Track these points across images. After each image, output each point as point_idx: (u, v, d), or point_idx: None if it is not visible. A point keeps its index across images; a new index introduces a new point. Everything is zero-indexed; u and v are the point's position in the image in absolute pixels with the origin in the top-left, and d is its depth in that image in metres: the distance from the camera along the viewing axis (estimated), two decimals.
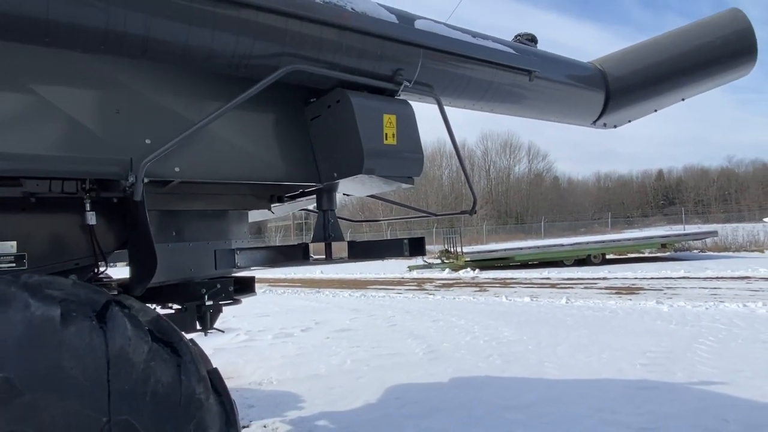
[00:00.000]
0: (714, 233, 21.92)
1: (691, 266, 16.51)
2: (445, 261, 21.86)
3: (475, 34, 2.49)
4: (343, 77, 2.08)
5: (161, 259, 2.11)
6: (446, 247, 23.06)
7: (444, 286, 15.31)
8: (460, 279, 17.26)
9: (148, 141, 1.92)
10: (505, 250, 20.70)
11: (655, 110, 3.32)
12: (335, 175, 2.33)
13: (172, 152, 1.96)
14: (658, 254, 21.49)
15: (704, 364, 5.47)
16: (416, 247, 2.48)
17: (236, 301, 3.17)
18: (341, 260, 2.77)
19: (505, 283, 14.89)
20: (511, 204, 75.89)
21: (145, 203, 1.85)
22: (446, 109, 2.50)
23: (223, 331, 3.25)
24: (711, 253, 22.03)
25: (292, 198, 3.16)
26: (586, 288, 12.79)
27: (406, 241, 2.47)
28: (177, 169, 2.06)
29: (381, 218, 4.01)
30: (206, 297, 2.94)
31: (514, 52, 2.58)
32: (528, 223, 50.17)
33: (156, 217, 2.61)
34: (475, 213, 2.93)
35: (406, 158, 2.23)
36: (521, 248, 20.75)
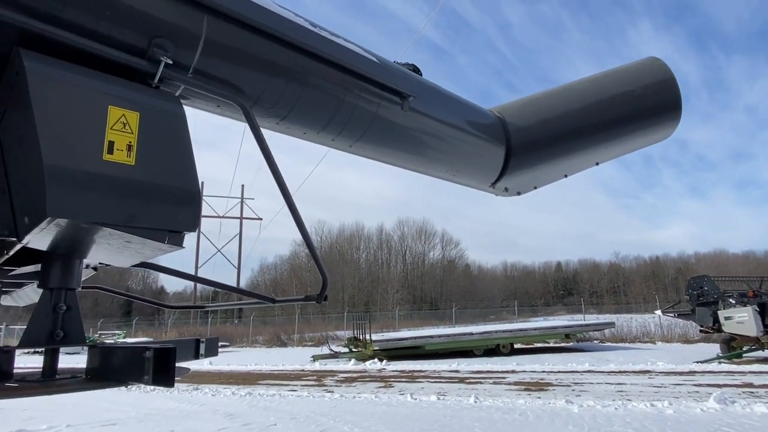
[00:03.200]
0: (612, 324, 22.71)
1: (594, 358, 16.51)
2: (353, 350, 20.25)
3: (315, 24, 1.64)
4: (26, 25, 1.07)
5: None
6: (355, 334, 21.56)
7: (347, 380, 13.70)
8: (365, 372, 15.72)
9: None
10: (415, 338, 19.66)
11: (566, 175, 2.66)
12: (26, 220, 1.22)
13: None
14: (563, 344, 21.64)
15: None
16: (162, 370, 1.34)
17: None
18: (67, 387, 1.54)
19: (412, 377, 13.65)
20: (426, 289, 76.57)
21: None
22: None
23: None
24: (609, 343, 22.65)
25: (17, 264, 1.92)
26: (495, 383, 11.94)
27: (148, 354, 1.33)
28: None
29: (208, 305, 2.80)
30: None
31: (378, 62, 1.76)
32: (442, 309, 50.27)
33: None
34: (326, 300, 1.91)
35: (160, 196, 1.21)
36: (432, 336, 19.85)
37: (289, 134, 1.79)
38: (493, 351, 19.28)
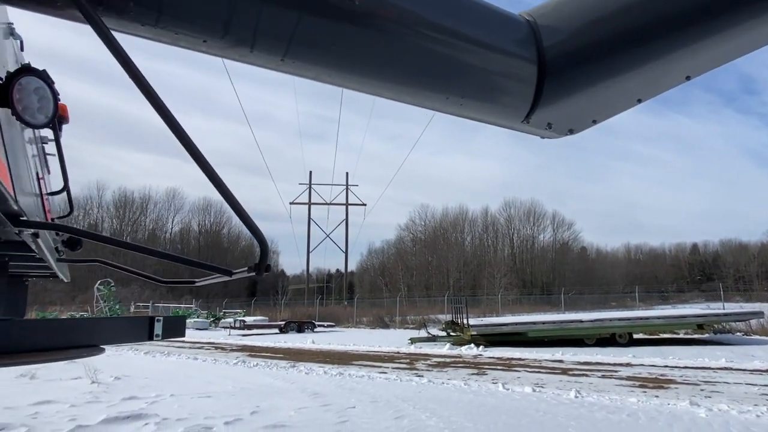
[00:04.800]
0: (760, 314, 19.20)
1: (734, 353, 14.02)
2: (451, 333, 19.74)
3: None
4: None
5: None
6: (453, 317, 20.98)
7: (439, 365, 13.28)
8: (460, 357, 15.15)
9: None
10: (516, 324, 18.51)
11: (639, 100, 1.87)
12: None
13: None
14: (695, 336, 18.85)
15: None
16: None
17: None
18: None
19: (509, 366, 12.77)
20: (536, 273, 72.99)
21: None
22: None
23: None
24: (757, 337, 19.21)
25: None
26: (603, 377, 10.62)
27: None
28: None
29: (197, 280, 2.57)
30: None
31: None
32: (555, 294, 47.29)
33: None
34: (267, 271, 1.47)
35: None
36: (535, 323, 18.53)
37: (182, 46, 1.35)
38: (607, 341, 17.42)
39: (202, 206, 75.87)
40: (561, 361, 13.43)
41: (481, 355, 15.44)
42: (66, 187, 2.64)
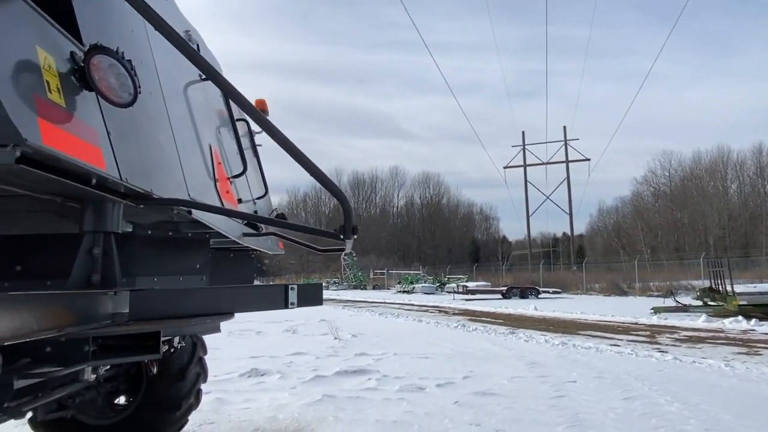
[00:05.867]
0: None
1: None
2: (710, 303, 16.32)
3: None
4: None
5: None
6: (712, 283, 17.26)
7: (690, 339, 11.07)
8: (721, 331, 12.32)
9: None
10: None
11: None
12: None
13: None
14: None
15: None
16: None
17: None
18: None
19: None
20: None
21: None
22: None
23: None
24: None
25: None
26: None
27: None
28: None
29: (347, 249, 2.40)
30: None
31: None
32: None
33: None
34: (355, 234, 1.25)
35: None
36: None
37: None
38: None
39: (422, 180, 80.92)
40: None
41: (753, 330, 12.25)
42: (244, 172, 2.93)
